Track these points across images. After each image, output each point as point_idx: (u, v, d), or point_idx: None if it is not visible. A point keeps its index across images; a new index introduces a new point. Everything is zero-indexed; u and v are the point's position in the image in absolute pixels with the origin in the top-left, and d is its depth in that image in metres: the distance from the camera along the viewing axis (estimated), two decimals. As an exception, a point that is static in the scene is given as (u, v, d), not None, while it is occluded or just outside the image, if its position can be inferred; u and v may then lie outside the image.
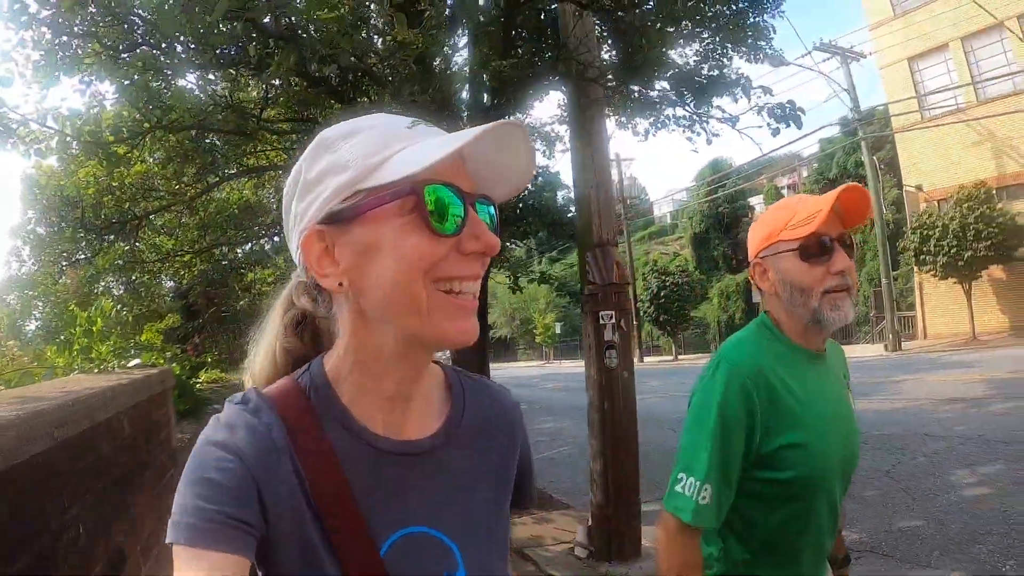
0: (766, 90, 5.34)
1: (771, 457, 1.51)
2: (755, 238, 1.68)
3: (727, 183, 38.54)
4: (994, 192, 21.58)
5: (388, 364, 0.85)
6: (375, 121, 0.85)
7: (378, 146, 0.81)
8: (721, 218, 42.94)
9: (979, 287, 21.72)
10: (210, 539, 0.74)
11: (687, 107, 5.48)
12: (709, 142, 5.55)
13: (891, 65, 25.11)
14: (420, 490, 0.89)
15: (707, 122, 5.50)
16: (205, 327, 16.91)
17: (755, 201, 46.28)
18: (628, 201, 37.38)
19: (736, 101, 5.42)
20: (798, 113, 5.27)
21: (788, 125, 5.26)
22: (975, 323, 21.25)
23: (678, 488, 1.52)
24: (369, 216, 0.79)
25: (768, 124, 5.35)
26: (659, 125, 5.88)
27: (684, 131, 5.63)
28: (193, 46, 4.97)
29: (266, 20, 4.57)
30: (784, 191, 44.95)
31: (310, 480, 0.81)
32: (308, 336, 0.96)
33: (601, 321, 5.02)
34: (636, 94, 5.24)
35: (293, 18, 4.45)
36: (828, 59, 23.25)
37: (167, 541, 0.75)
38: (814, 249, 1.54)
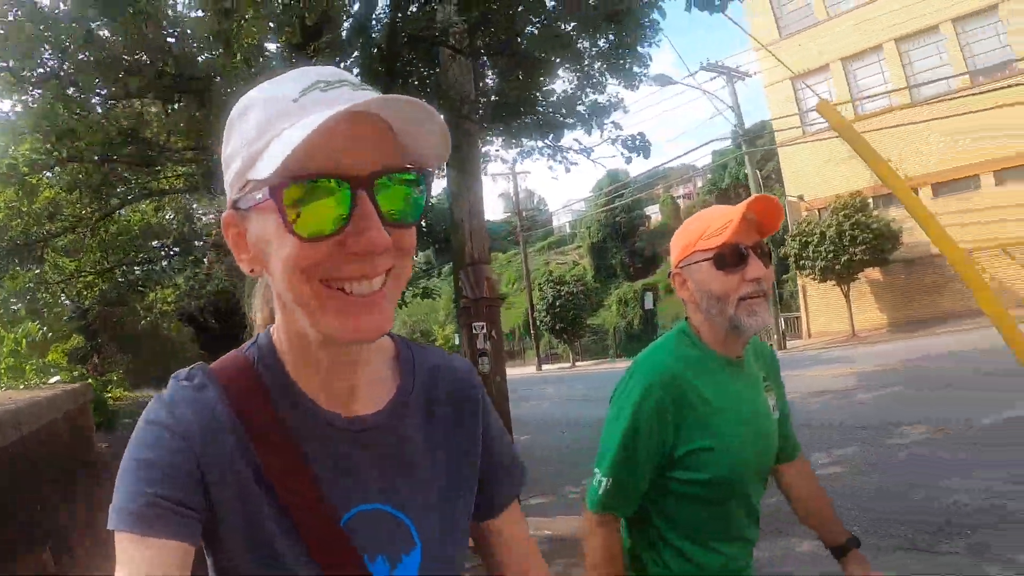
0: (616, 125, 6.08)
1: (685, 459, 1.57)
2: (675, 250, 1.71)
3: (624, 193, 39.09)
4: (870, 201, 23.12)
5: (315, 348, 0.82)
6: (266, 93, 0.78)
7: (261, 128, 0.75)
8: (618, 227, 43.10)
9: (857, 288, 23.26)
10: (151, 525, 0.72)
11: (545, 141, 6.12)
12: (568, 170, 6.21)
13: (776, 84, 26.60)
14: (373, 466, 0.86)
15: (566, 153, 6.17)
16: (103, 347, 16.64)
17: (651, 211, 46.84)
18: (524, 213, 37.94)
19: (589, 134, 6.11)
20: (647, 144, 6.01)
21: (639, 155, 5.98)
22: (854, 322, 22.74)
23: (593, 482, 1.62)
24: (258, 209, 0.75)
25: (621, 154, 6.07)
26: (524, 155, 6.49)
27: (547, 160, 6.31)
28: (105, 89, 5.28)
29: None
30: (680, 200, 46.10)
31: (262, 456, 0.80)
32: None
33: (474, 331, 5.56)
34: (503, 129, 5.80)
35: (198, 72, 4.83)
36: (715, 78, 24.49)
37: (109, 527, 0.73)
38: (728, 258, 1.57)
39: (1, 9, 5.17)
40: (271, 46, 6.59)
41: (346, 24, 6.50)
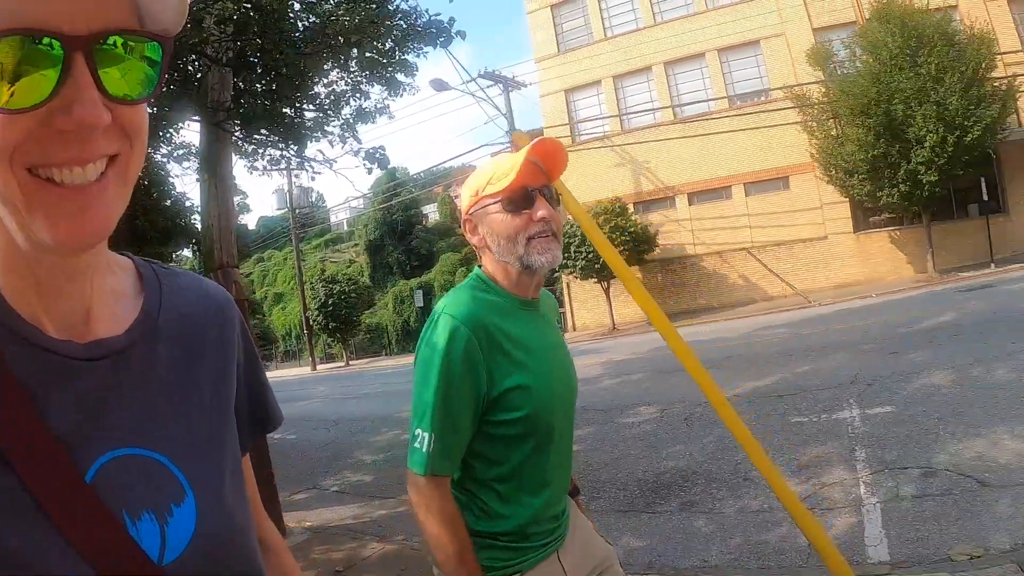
0: (357, 139, 6.71)
1: (501, 400, 1.57)
2: (464, 197, 1.72)
3: (402, 192, 39.63)
4: (630, 206, 25.42)
5: (28, 260, 0.66)
6: None
7: None
8: (395, 225, 43.25)
9: (618, 285, 25.08)
10: None
11: (290, 151, 6.62)
12: (312, 179, 6.71)
13: (551, 95, 28.43)
14: (123, 402, 0.72)
15: (311, 164, 6.70)
16: None
17: (429, 209, 47.56)
18: (298, 211, 37.26)
19: (333, 147, 6.67)
20: (386, 157, 6.70)
21: (377, 166, 6.65)
22: (615, 316, 24.67)
23: (415, 444, 1.54)
24: None
25: (364, 164, 6.69)
26: (273, 163, 6.90)
27: (295, 169, 6.78)
28: None
29: None
30: (458, 200, 47.61)
31: None
32: None
33: (222, 333, 5.85)
34: (253, 138, 6.16)
35: None
36: (492, 86, 25.57)
37: None
38: (515, 199, 1.59)
39: None
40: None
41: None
